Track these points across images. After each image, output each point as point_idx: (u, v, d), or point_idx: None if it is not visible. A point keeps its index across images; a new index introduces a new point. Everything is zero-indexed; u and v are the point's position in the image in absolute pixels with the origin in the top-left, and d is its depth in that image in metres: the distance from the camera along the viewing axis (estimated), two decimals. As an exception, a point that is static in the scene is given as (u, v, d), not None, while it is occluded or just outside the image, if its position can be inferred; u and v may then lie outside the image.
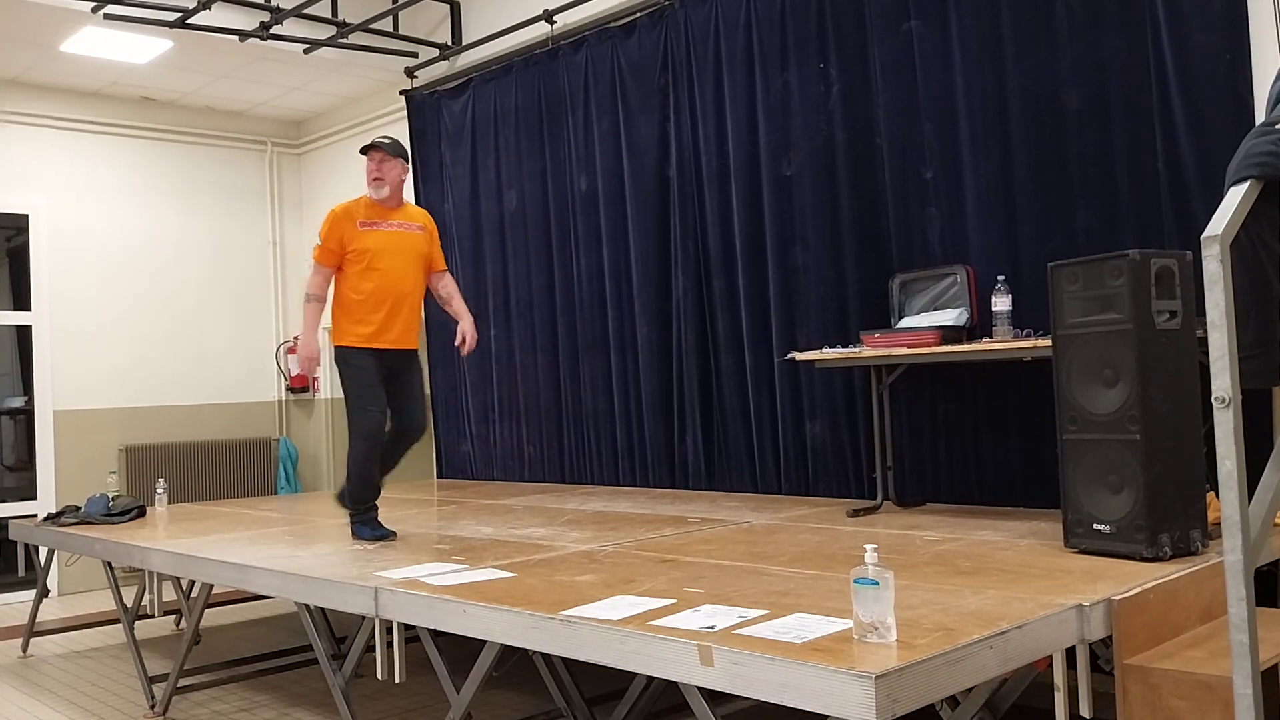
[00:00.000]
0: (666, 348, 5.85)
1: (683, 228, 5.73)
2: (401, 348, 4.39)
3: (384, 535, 4.38)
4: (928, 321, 4.43)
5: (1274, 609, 3.23)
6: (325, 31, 6.86)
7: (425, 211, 4.73)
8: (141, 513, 5.65)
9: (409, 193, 7.53)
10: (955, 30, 4.60)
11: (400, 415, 4.45)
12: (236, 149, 8.56)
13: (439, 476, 7.51)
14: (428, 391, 7.56)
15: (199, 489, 8.00)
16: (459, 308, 4.65)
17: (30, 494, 7.47)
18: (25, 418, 7.56)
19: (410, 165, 4.44)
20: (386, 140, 4.47)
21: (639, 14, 5.94)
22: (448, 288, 4.67)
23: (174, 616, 6.31)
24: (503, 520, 4.83)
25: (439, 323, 7.33)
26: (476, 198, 7.00)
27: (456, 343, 4.59)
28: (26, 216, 7.54)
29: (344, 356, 4.35)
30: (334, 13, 6.81)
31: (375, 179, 4.41)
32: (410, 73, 7.46)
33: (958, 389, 4.65)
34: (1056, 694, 2.56)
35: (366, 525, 4.40)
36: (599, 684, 3.93)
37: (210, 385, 8.30)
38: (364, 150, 4.47)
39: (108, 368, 7.80)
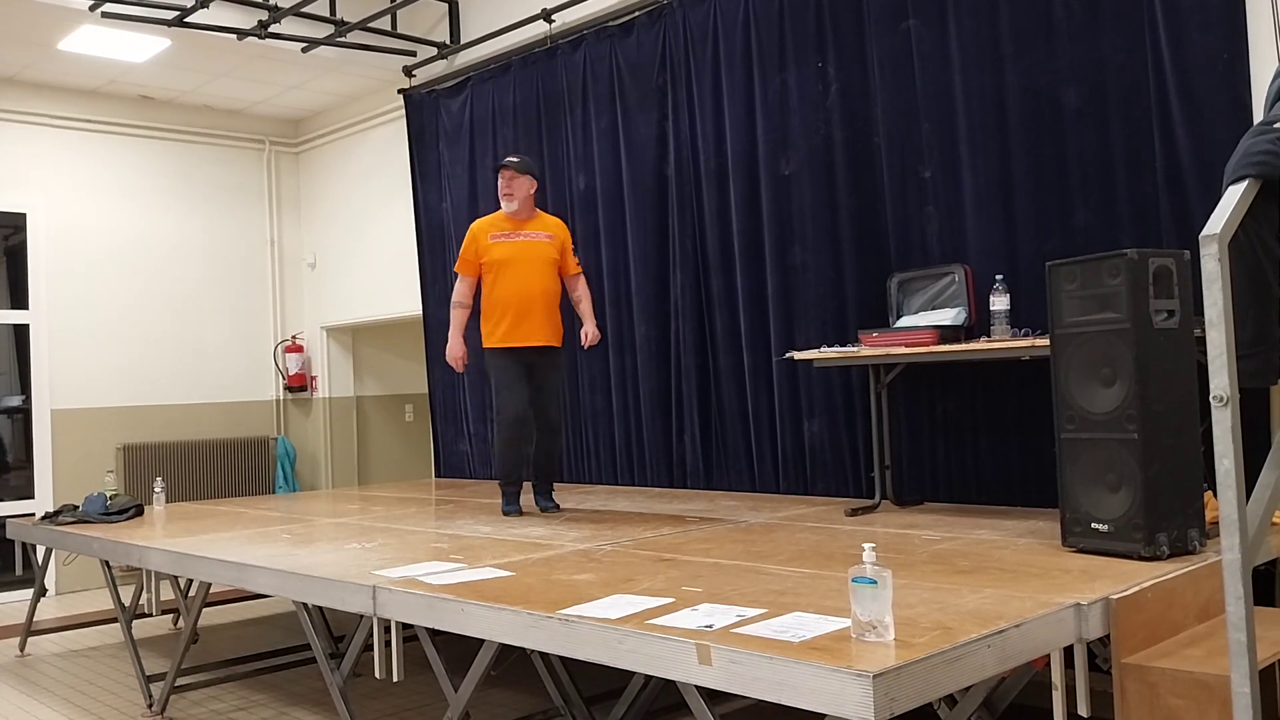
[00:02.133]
0: (665, 347, 5.85)
1: (681, 227, 5.74)
2: (534, 344, 4.82)
3: (512, 510, 4.88)
4: (926, 321, 4.43)
5: (1272, 608, 3.23)
6: (323, 30, 6.86)
7: (560, 221, 5.10)
8: (139, 512, 5.65)
9: (407, 191, 7.59)
10: (954, 29, 4.60)
11: (536, 412, 4.90)
12: (234, 148, 8.56)
13: (437, 476, 7.51)
14: (429, 389, 7.58)
15: (197, 488, 8.00)
16: (585, 309, 5.07)
17: (28, 493, 7.46)
18: (23, 417, 7.56)
19: (537, 180, 5.01)
20: (516, 159, 4.93)
21: (637, 13, 5.94)
22: (579, 290, 5.09)
23: (172, 615, 6.31)
24: (501, 519, 4.82)
25: (436, 321, 7.33)
26: (475, 197, 7.00)
27: (583, 343, 5.01)
28: (24, 215, 7.53)
29: (487, 356, 4.89)
30: (332, 11, 6.81)
31: (505, 194, 4.88)
32: (408, 72, 7.46)
33: (956, 388, 4.66)
34: (1054, 693, 2.56)
35: (505, 498, 4.92)
36: (597, 683, 3.93)
37: (208, 384, 8.30)
38: (496, 169, 4.96)
39: (105, 367, 7.79)
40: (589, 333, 4.99)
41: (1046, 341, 3.50)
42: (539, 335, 4.84)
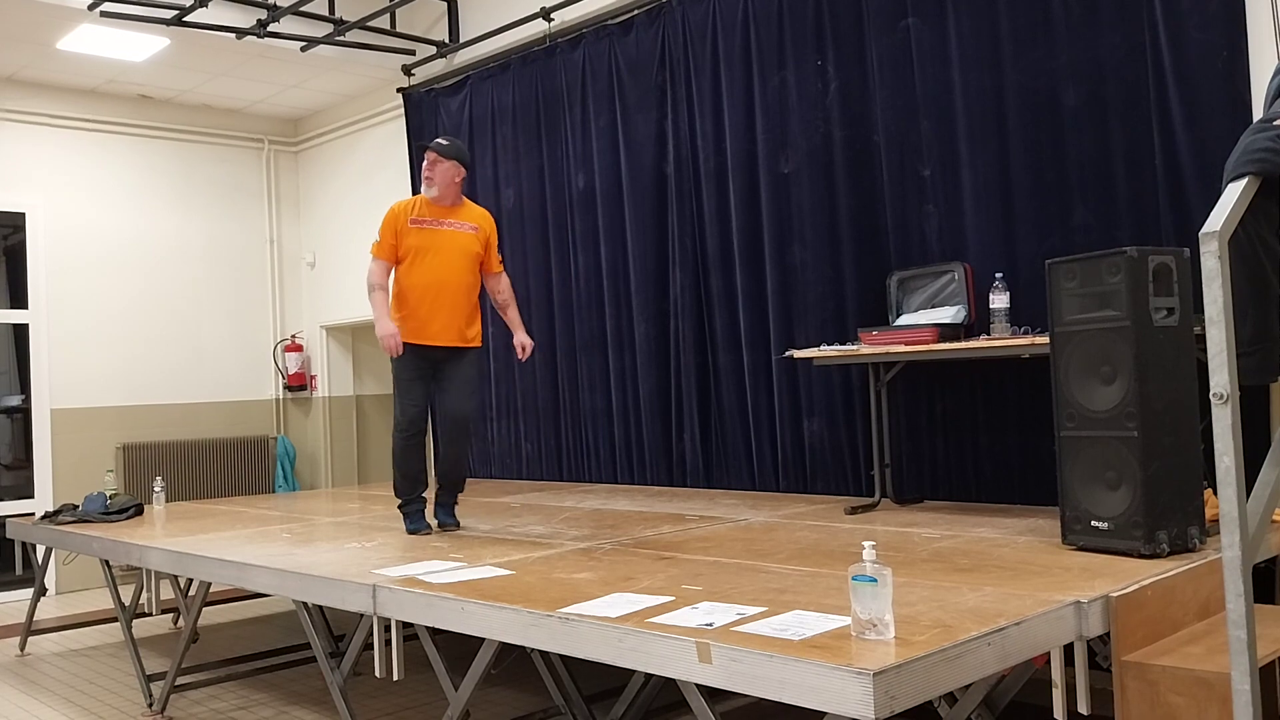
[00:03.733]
0: (664, 346, 5.85)
1: (680, 225, 5.73)
2: (443, 344, 4.41)
3: (419, 529, 4.46)
4: (925, 319, 4.43)
5: (1272, 605, 3.23)
6: (322, 29, 6.85)
7: (486, 212, 4.68)
8: (139, 511, 5.65)
9: (406, 190, 7.58)
10: (953, 28, 4.60)
11: (439, 414, 4.53)
12: (233, 147, 8.55)
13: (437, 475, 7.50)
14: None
15: (196, 487, 8.00)
16: (513, 317, 4.69)
17: (28, 492, 7.46)
18: (22, 416, 7.55)
19: (467, 168, 4.56)
20: (444, 142, 4.51)
21: (636, 11, 5.93)
22: (504, 293, 4.69)
23: (172, 615, 6.31)
24: (501, 518, 4.82)
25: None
26: (474, 196, 6.97)
27: (520, 355, 4.63)
28: (23, 215, 7.53)
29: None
30: (331, 10, 6.80)
31: (425, 178, 4.47)
32: (408, 70, 7.45)
33: (956, 386, 4.66)
34: (1054, 691, 2.57)
35: (407, 518, 4.50)
36: (597, 681, 3.93)
37: (208, 383, 8.30)
38: (421, 148, 4.55)
39: (105, 366, 7.79)
40: (524, 344, 4.58)
41: (1046, 340, 3.50)
42: (450, 334, 4.41)
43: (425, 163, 4.48)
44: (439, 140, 4.54)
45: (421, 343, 4.37)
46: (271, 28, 6.59)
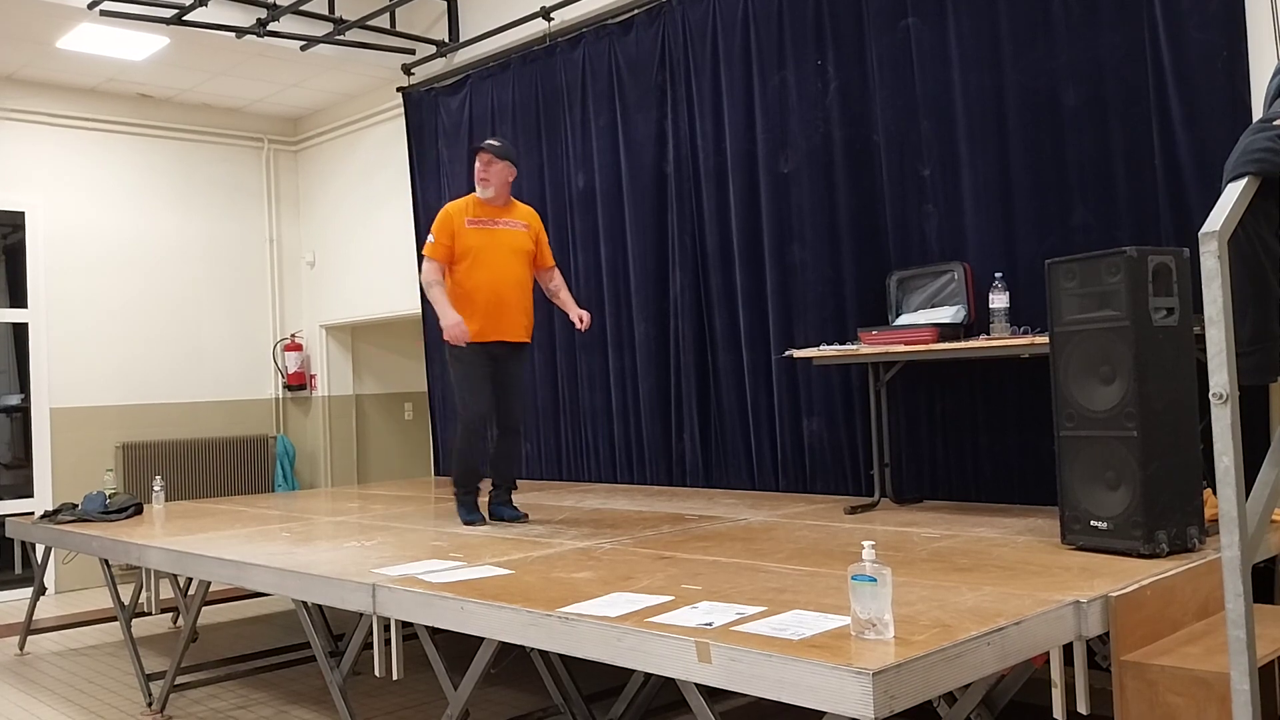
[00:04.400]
0: (664, 345, 5.85)
1: (680, 225, 5.73)
2: (506, 340, 4.56)
3: (475, 519, 4.59)
4: (925, 319, 4.43)
5: (1271, 605, 3.23)
6: (322, 28, 6.85)
7: (533, 210, 4.86)
8: (138, 510, 5.64)
9: (406, 189, 7.59)
10: (953, 27, 4.60)
11: (499, 410, 4.64)
12: (233, 146, 8.55)
13: (436, 474, 7.51)
14: (428, 388, 7.58)
15: (196, 486, 8.00)
16: (566, 298, 4.85)
17: (27, 491, 7.46)
18: (22, 415, 7.55)
19: (516, 167, 4.74)
20: (496, 143, 4.65)
21: (636, 11, 5.93)
22: (556, 282, 4.87)
23: (171, 614, 6.31)
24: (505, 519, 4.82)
25: (435, 319, 7.31)
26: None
27: (580, 327, 4.71)
28: (22, 214, 7.53)
29: (452, 351, 4.55)
30: (331, 10, 6.80)
31: (482, 179, 4.59)
32: (407, 70, 7.45)
33: (955, 386, 4.66)
34: (1054, 690, 2.57)
35: (463, 506, 4.63)
36: (597, 681, 3.93)
37: (207, 382, 8.30)
38: (474, 150, 4.64)
39: (104, 365, 7.79)
40: (582, 316, 4.70)
41: (1046, 339, 3.50)
42: (512, 330, 4.57)
43: (479, 164, 4.59)
44: (491, 141, 4.67)
45: (488, 340, 4.52)
46: (271, 27, 6.59)
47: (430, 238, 4.59)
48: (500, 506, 4.71)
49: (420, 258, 7.34)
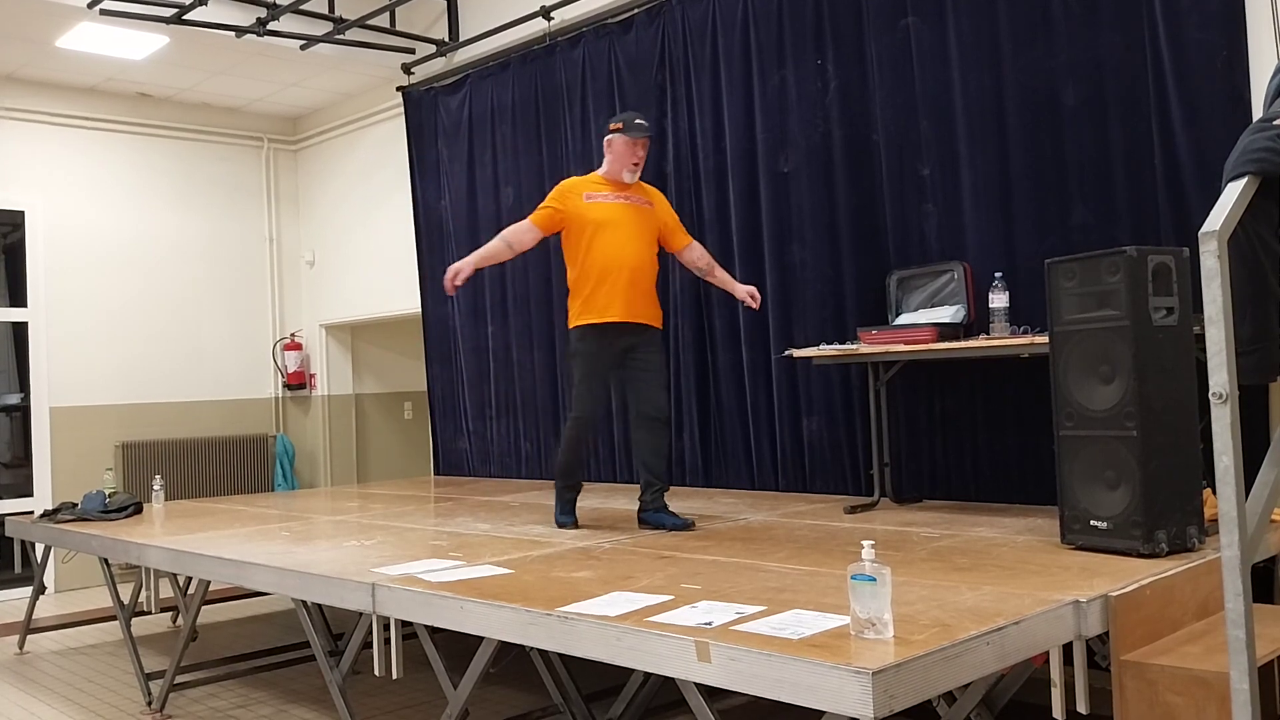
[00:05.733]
0: (664, 344, 5.84)
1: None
2: (631, 321, 4.21)
3: (568, 522, 4.33)
4: (925, 318, 4.43)
5: (1271, 605, 3.23)
6: (322, 28, 6.85)
7: (655, 188, 4.54)
8: (138, 509, 5.64)
9: (406, 189, 7.58)
10: (952, 27, 4.60)
11: (636, 398, 4.29)
12: (233, 145, 8.55)
13: (436, 473, 7.51)
14: (428, 387, 7.58)
15: (196, 485, 8.00)
16: (723, 276, 4.53)
17: (27, 490, 7.46)
18: (21, 414, 7.55)
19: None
20: (648, 126, 4.35)
21: (636, 10, 5.93)
22: (703, 257, 4.51)
23: (171, 613, 6.31)
24: (500, 517, 4.82)
25: (434, 318, 7.33)
26: (474, 194, 7.00)
27: (753, 305, 4.43)
28: (22, 213, 7.52)
29: (574, 337, 4.26)
30: (330, 9, 6.80)
31: (635, 165, 4.29)
32: (407, 69, 7.45)
33: (955, 386, 4.66)
34: (1053, 690, 2.57)
35: (560, 505, 4.39)
36: (596, 680, 3.93)
37: (207, 382, 8.29)
38: (627, 131, 4.26)
39: (104, 364, 7.79)
40: (753, 293, 4.38)
41: (1045, 339, 3.50)
42: (642, 311, 4.21)
43: (638, 149, 4.27)
44: (641, 120, 4.32)
45: (608, 320, 4.17)
46: (271, 26, 6.59)
47: (543, 204, 4.31)
48: (658, 513, 4.23)
49: (420, 259, 7.42)
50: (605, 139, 4.35)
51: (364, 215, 8.20)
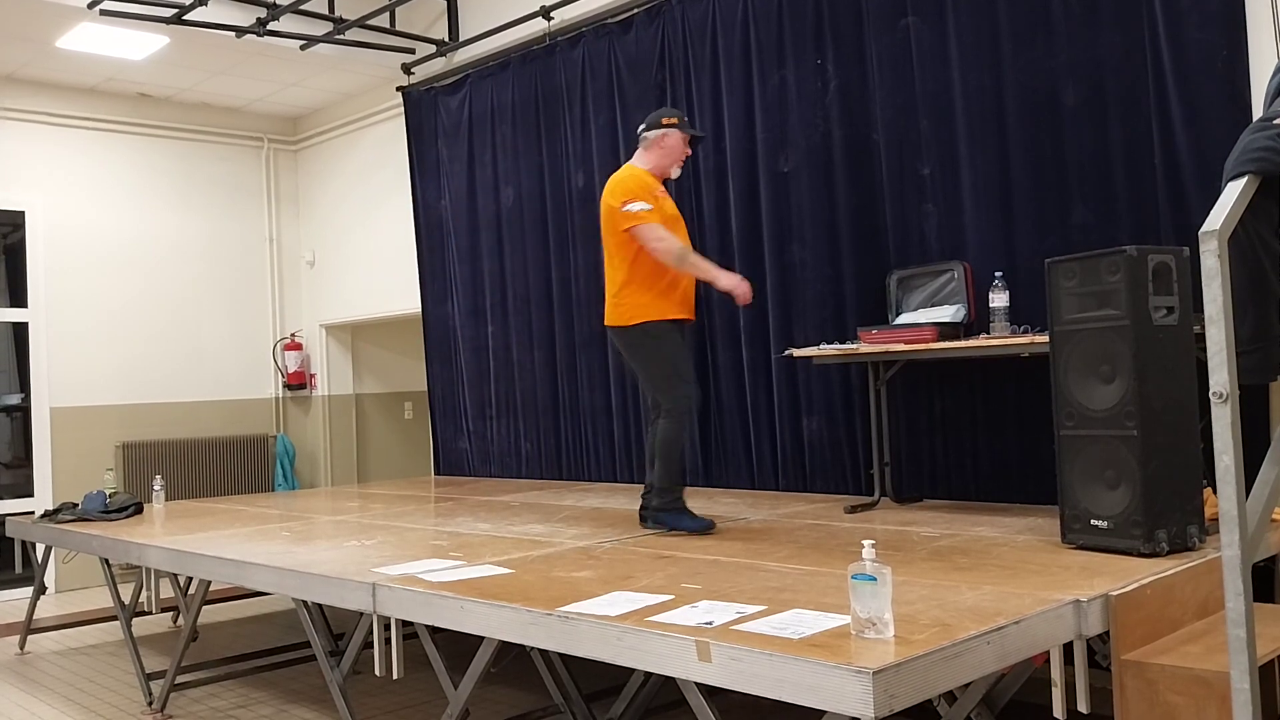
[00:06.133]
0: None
1: (680, 224, 5.73)
2: (691, 319, 4.24)
3: (702, 525, 4.05)
4: (925, 318, 4.43)
5: (1271, 604, 3.23)
6: (322, 28, 6.85)
7: None
8: (139, 509, 5.64)
9: (406, 188, 7.58)
10: (952, 26, 4.60)
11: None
12: (233, 145, 8.55)
13: (436, 473, 7.51)
14: (428, 387, 7.59)
15: (196, 486, 8.00)
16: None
17: (27, 491, 7.46)
18: (22, 415, 7.55)
19: None
20: (680, 117, 4.25)
21: (636, 10, 5.93)
22: None
23: (171, 613, 6.31)
24: (500, 517, 4.83)
25: (434, 318, 7.33)
26: (473, 194, 7.00)
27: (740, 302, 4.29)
28: (22, 213, 7.53)
29: (649, 331, 4.06)
30: (330, 9, 6.80)
31: (681, 161, 4.24)
32: (407, 69, 7.45)
33: (955, 385, 4.66)
34: (1054, 689, 2.57)
35: (684, 515, 4.11)
36: (597, 680, 3.93)
37: (207, 382, 8.29)
38: (684, 128, 4.19)
39: (105, 364, 7.79)
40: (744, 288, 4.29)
41: (1046, 338, 3.50)
42: (693, 307, 4.26)
43: (685, 146, 4.19)
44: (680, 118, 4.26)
45: (686, 317, 4.16)
46: (271, 26, 6.59)
47: (637, 205, 4.02)
48: (677, 514, 4.17)
49: (420, 258, 7.41)
50: (654, 133, 4.17)
51: (364, 215, 8.20)
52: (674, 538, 3.93)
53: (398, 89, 7.51)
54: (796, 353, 4.70)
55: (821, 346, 4.64)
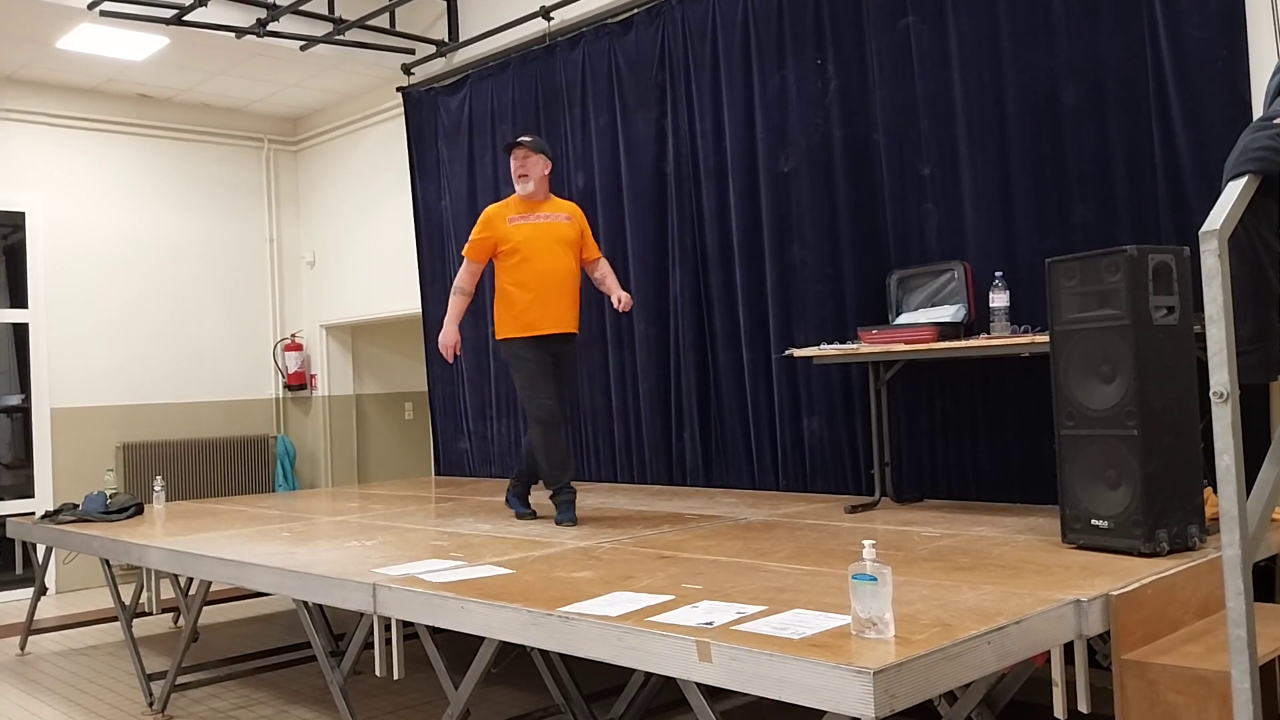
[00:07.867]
0: (664, 344, 5.85)
1: (680, 224, 5.73)
2: (559, 331, 4.55)
3: (526, 514, 4.73)
4: (925, 318, 4.43)
5: (1272, 604, 3.23)
6: (322, 28, 6.85)
7: (573, 203, 4.85)
8: (139, 510, 5.65)
9: (406, 189, 7.58)
10: (952, 26, 4.60)
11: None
12: (233, 146, 8.55)
13: (436, 473, 7.51)
14: (428, 387, 7.58)
15: (196, 486, 8.00)
16: (611, 283, 4.81)
17: (28, 492, 7.46)
18: (22, 415, 7.55)
19: (552, 160, 4.73)
20: (528, 138, 4.66)
21: (636, 10, 5.93)
22: (602, 270, 4.84)
23: (172, 614, 6.31)
24: (500, 517, 4.83)
25: (435, 319, 7.32)
26: (474, 194, 7.00)
27: (621, 308, 4.66)
28: (23, 214, 7.53)
29: (508, 348, 4.56)
30: (330, 9, 6.80)
31: (521, 175, 4.61)
32: (407, 69, 7.45)
33: (955, 385, 4.66)
34: (1054, 689, 2.57)
35: (561, 508, 4.53)
36: (597, 680, 3.93)
37: (208, 382, 8.30)
38: (506, 149, 4.67)
39: (105, 365, 7.79)
40: (622, 298, 4.66)
41: (1046, 338, 3.50)
42: (565, 321, 4.56)
43: (514, 161, 4.61)
44: (524, 137, 4.68)
45: (542, 333, 4.51)
46: (271, 27, 6.59)
47: (471, 238, 4.63)
48: (515, 499, 4.84)
49: (420, 259, 7.41)
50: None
51: (364, 215, 8.20)
52: (675, 537, 3.93)
53: (398, 89, 7.51)
54: (797, 353, 4.70)
55: (822, 346, 4.64)
